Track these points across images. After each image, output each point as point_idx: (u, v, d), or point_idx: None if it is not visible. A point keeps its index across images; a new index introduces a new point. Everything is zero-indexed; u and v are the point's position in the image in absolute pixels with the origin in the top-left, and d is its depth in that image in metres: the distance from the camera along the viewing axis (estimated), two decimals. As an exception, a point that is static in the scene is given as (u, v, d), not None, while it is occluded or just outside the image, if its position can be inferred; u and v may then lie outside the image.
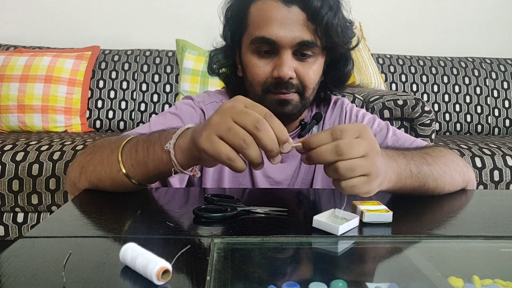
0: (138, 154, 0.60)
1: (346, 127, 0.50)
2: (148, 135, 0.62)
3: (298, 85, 0.76)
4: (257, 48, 0.76)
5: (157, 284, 0.36)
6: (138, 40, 2.29)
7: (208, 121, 0.50)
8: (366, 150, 0.49)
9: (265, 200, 0.65)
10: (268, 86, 0.76)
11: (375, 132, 0.86)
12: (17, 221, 1.47)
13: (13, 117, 1.88)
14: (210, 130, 0.49)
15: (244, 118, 0.48)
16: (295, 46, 0.74)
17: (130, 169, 0.60)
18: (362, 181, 0.49)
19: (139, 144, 0.60)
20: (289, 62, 0.74)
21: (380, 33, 2.37)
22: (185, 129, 0.57)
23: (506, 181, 1.53)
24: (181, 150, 0.55)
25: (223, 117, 0.49)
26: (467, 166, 0.74)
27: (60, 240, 0.47)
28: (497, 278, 0.42)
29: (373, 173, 0.50)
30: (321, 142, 0.49)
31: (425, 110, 1.49)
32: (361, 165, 0.49)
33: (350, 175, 0.49)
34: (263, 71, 0.76)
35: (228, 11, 0.82)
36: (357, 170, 0.49)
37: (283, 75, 0.73)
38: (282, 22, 0.73)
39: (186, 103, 0.85)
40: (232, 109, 0.49)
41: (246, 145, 0.47)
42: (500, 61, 2.31)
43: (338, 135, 0.49)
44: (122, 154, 0.61)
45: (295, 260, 0.48)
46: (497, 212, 0.64)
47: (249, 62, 0.77)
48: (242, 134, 0.48)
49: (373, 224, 0.53)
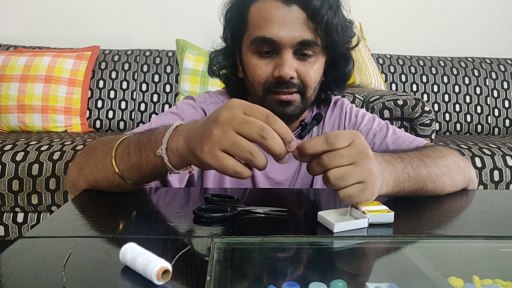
0: (130, 157, 0.59)
1: (340, 133, 0.49)
2: (138, 136, 0.61)
3: (299, 84, 0.76)
4: (257, 49, 0.76)
5: (157, 284, 0.36)
6: (138, 40, 2.29)
7: (208, 133, 0.49)
8: (353, 157, 0.49)
9: (265, 200, 0.65)
10: (269, 86, 0.76)
11: (375, 132, 0.86)
12: (17, 221, 1.47)
13: (13, 117, 1.88)
14: (213, 145, 0.48)
15: (248, 128, 0.47)
16: (296, 45, 0.74)
17: (125, 172, 0.60)
18: (358, 189, 0.49)
19: (130, 147, 0.59)
20: (290, 61, 0.74)
21: (380, 33, 2.37)
22: (173, 129, 0.55)
23: (506, 181, 1.53)
24: (174, 153, 0.54)
25: (225, 129, 0.47)
26: (467, 166, 0.73)
27: (60, 240, 0.47)
28: (497, 278, 0.42)
29: (368, 179, 0.50)
30: (316, 148, 0.49)
31: (425, 110, 1.49)
32: (352, 172, 0.48)
33: (342, 184, 0.48)
34: (264, 71, 0.76)
35: (228, 12, 0.82)
36: (348, 179, 0.48)
37: (284, 75, 0.73)
38: (282, 22, 0.73)
39: (187, 103, 0.85)
40: (232, 120, 0.48)
41: (253, 157, 0.47)
42: (500, 61, 2.31)
43: (332, 142, 0.48)
44: (116, 158, 0.60)
45: (295, 260, 0.48)
46: (497, 212, 0.64)
47: (250, 63, 0.77)
48: (248, 147, 0.47)
49: (374, 224, 0.53)
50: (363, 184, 0.50)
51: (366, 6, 2.33)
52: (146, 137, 0.59)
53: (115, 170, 0.60)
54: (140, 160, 0.58)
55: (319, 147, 0.49)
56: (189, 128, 0.54)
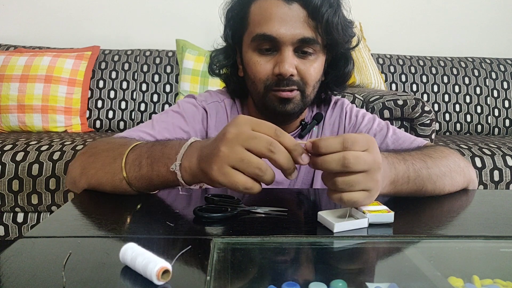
0: (141, 168, 0.59)
1: (358, 138, 0.48)
2: (150, 146, 0.61)
3: (299, 82, 0.76)
4: (258, 46, 0.76)
5: (157, 284, 0.36)
6: (138, 40, 2.29)
7: (216, 151, 0.49)
8: (370, 165, 0.48)
9: (266, 200, 0.65)
10: (269, 83, 0.76)
11: (375, 132, 0.86)
12: (17, 221, 1.47)
13: (13, 117, 1.88)
14: (222, 162, 0.48)
15: (256, 144, 0.47)
16: (296, 43, 0.74)
17: (133, 180, 0.60)
18: (363, 196, 0.49)
19: (142, 158, 0.59)
20: (290, 59, 0.74)
21: (380, 33, 2.37)
22: (188, 145, 0.56)
23: (506, 181, 1.53)
24: (187, 171, 0.55)
25: (232, 146, 0.48)
26: (468, 166, 0.73)
27: (60, 240, 0.47)
28: (497, 278, 0.42)
29: (373, 189, 0.50)
30: (331, 149, 0.48)
31: (425, 110, 1.49)
32: (360, 180, 0.48)
33: (348, 189, 0.48)
34: (264, 68, 0.76)
35: (229, 11, 0.82)
36: (355, 186, 0.48)
37: (284, 72, 0.73)
38: (282, 19, 0.73)
39: (188, 101, 0.86)
40: (239, 136, 0.48)
41: (262, 173, 0.47)
42: (500, 61, 2.31)
43: (349, 146, 0.47)
44: (126, 165, 0.60)
45: (295, 260, 0.48)
46: (497, 212, 0.64)
47: (250, 60, 0.77)
48: (256, 163, 0.47)
49: (374, 224, 0.53)
50: (368, 192, 0.50)
51: (366, 6, 2.32)
52: (159, 149, 0.59)
53: (123, 176, 0.60)
54: (151, 173, 0.58)
55: (334, 148, 0.48)
56: (201, 147, 0.54)
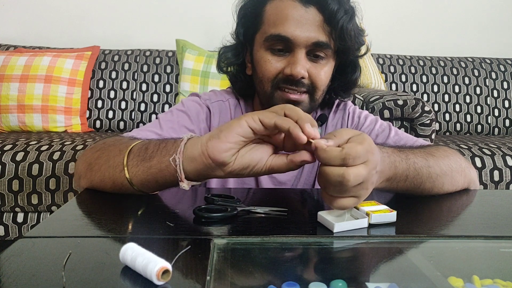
0: (145, 158, 0.58)
1: (359, 152, 0.47)
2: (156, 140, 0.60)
3: (309, 85, 0.76)
4: (270, 46, 0.76)
5: (157, 284, 0.36)
6: (138, 40, 2.30)
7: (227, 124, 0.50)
8: (365, 178, 0.48)
9: (266, 200, 0.65)
10: (277, 82, 0.76)
11: (377, 133, 0.86)
12: (17, 221, 1.47)
13: (13, 117, 1.88)
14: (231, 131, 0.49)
15: (265, 116, 0.49)
16: (310, 46, 0.74)
17: (132, 169, 0.59)
18: (353, 202, 0.49)
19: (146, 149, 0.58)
20: (303, 61, 0.74)
21: (380, 33, 2.37)
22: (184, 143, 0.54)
23: (506, 181, 1.53)
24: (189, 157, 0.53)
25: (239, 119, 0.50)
26: (469, 167, 0.73)
27: (60, 240, 0.47)
28: (497, 278, 0.42)
29: (363, 196, 0.50)
30: (332, 162, 0.47)
31: (425, 110, 1.49)
32: (352, 190, 0.48)
33: (339, 194, 0.48)
34: (275, 67, 0.76)
35: (242, 9, 0.82)
36: (347, 194, 0.48)
37: (296, 73, 0.73)
38: (298, 22, 0.73)
39: (192, 100, 0.86)
40: (247, 115, 0.50)
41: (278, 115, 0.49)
42: (500, 61, 2.31)
43: (350, 162, 0.46)
44: (129, 154, 0.59)
45: (295, 260, 0.48)
46: (497, 212, 0.63)
47: (261, 58, 0.77)
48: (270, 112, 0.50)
49: (374, 224, 0.53)
50: (357, 199, 0.50)
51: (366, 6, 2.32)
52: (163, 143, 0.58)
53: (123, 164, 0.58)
54: (151, 163, 0.57)
55: (335, 162, 0.47)
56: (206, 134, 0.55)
